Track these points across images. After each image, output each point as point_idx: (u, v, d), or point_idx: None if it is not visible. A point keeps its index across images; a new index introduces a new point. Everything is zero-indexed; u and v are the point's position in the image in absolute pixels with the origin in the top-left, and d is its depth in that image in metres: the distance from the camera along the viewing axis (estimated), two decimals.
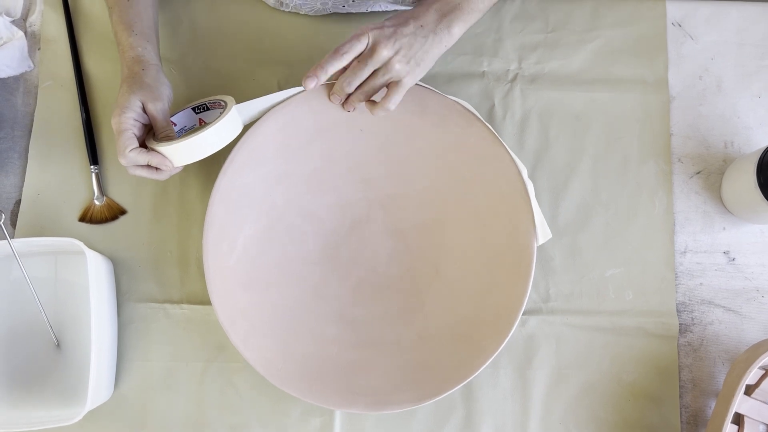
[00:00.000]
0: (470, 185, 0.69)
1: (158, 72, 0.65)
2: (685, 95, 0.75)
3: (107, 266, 0.69)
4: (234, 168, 0.67)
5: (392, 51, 0.61)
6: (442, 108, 0.68)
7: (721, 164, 0.73)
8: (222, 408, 0.69)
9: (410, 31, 0.62)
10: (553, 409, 0.69)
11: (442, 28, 0.63)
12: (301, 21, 0.76)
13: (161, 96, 0.64)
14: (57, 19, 0.76)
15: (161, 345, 0.70)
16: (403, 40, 0.61)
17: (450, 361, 0.65)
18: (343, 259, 0.70)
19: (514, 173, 0.66)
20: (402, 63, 0.62)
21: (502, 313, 0.65)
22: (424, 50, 0.62)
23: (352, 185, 0.71)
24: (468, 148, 0.68)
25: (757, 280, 0.71)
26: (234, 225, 0.67)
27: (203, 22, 0.76)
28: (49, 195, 0.72)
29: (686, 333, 0.70)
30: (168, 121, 0.64)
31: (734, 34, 0.76)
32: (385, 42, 0.61)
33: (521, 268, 0.65)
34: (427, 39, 0.62)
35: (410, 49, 0.61)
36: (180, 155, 0.62)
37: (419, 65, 0.62)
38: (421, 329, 0.68)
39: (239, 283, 0.67)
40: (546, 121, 0.74)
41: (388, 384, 0.65)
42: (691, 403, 0.69)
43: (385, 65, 0.62)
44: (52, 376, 0.68)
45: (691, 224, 0.72)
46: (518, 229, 0.66)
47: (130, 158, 0.61)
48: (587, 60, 0.75)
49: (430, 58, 0.63)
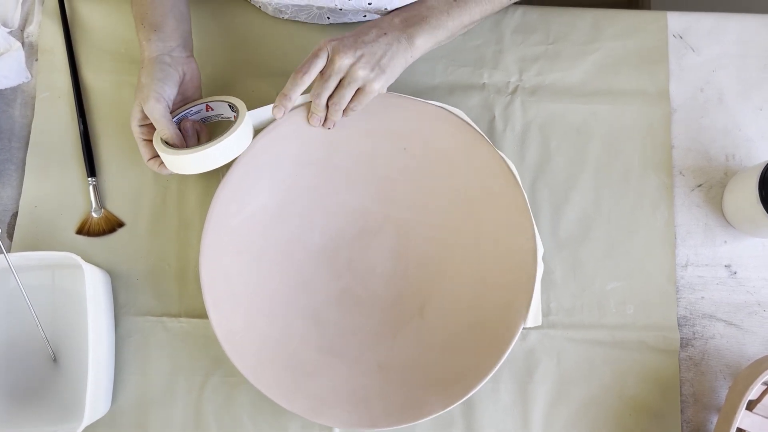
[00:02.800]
0: (476, 217, 0.68)
1: (156, 65, 0.64)
2: (687, 107, 0.74)
3: (105, 279, 0.69)
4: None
5: (352, 58, 0.61)
6: (464, 135, 0.68)
7: (723, 177, 0.73)
8: (220, 422, 0.68)
9: (371, 38, 0.62)
10: (554, 424, 0.68)
11: (405, 38, 0.63)
12: (302, 31, 0.75)
13: (155, 95, 0.62)
14: (55, 30, 0.75)
15: (159, 359, 0.69)
16: (364, 48, 0.61)
17: (447, 376, 0.65)
18: (341, 260, 0.70)
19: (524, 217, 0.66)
20: (365, 69, 0.61)
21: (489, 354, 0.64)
22: (389, 56, 0.62)
23: (371, 195, 0.70)
24: (480, 184, 0.68)
25: (759, 294, 0.71)
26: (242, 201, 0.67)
27: (206, 31, 0.75)
28: (47, 207, 0.72)
29: (687, 347, 0.70)
30: (167, 122, 0.63)
31: (736, 46, 0.75)
32: (345, 51, 0.61)
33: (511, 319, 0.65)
34: (391, 46, 0.62)
35: (373, 56, 0.61)
36: (188, 164, 0.62)
37: (385, 71, 0.62)
38: (388, 353, 0.68)
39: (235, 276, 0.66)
40: (547, 133, 0.73)
41: (386, 401, 0.65)
42: (693, 418, 0.68)
43: (348, 73, 0.61)
44: (49, 390, 0.67)
45: (692, 237, 0.72)
46: (519, 264, 0.65)
47: (152, 168, 0.66)
48: (588, 72, 0.75)
49: (396, 65, 0.63)
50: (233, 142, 0.62)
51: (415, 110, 0.68)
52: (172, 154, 0.62)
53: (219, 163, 0.62)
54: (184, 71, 0.66)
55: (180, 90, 0.66)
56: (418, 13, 0.64)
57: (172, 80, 0.64)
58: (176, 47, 0.65)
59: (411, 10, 0.64)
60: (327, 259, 0.70)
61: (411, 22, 0.63)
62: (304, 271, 0.69)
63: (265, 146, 0.66)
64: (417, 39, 0.63)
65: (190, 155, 0.61)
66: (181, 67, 0.66)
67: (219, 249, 0.65)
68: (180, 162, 0.62)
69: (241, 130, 0.62)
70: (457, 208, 0.69)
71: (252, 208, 0.67)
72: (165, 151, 0.62)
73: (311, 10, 0.71)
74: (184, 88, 0.67)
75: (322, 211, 0.70)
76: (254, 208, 0.67)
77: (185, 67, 0.66)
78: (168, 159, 0.62)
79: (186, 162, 0.62)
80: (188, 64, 0.67)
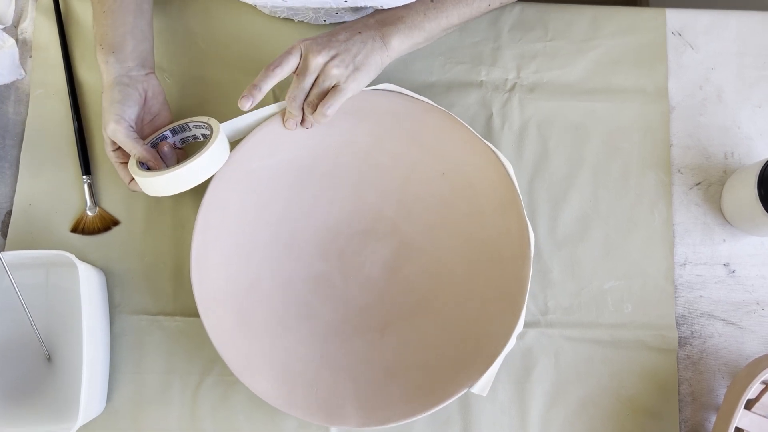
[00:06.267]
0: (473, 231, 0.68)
1: (115, 87, 0.63)
2: (685, 105, 0.74)
3: (99, 278, 0.68)
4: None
5: (326, 57, 0.60)
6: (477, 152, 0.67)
7: (722, 175, 0.72)
8: (216, 422, 0.68)
9: (345, 37, 0.61)
10: (551, 423, 0.68)
11: (380, 38, 0.62)
12: (297, 30, 0.75)
13: (115, 118, 0.62)
14: (49, 27, 0.75)
15: (155, 358, 0.69)
16: (339, 47, 0.61)
17: (444, 373, 0.65)
18: (334, 248, 0.70)
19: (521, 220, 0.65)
20: (340, 68, 0.61)
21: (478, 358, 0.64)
22: (364, 54, 0.61)
23: (379, 198, 0.70)
24: (482, 193, 0.68)
25: (758, 293, 0.70)
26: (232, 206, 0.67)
27: (198, 31, 0.75)
28: (41, 205, 0.71)
29: (686, 346, 0.69)
30: (133, 141, 0.62)
31: (735, 43, 0.75)
32: (318, 49, 0.60)
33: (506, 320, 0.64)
34: (366, 44, 0.62)
35: (347, 53, 0.61)
36: (164, 185, 0.61)
37: (360, 70, 0.62)
38: (380, 353, 0.67)
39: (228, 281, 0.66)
40: (545, 131, 0.73)
41: (382, 399, 0.64)
42: (691, 417, 0.68)
43: (323, 72, 0.61)
44: (43, 390, 0.67)
45: (690, 236, 0.71)
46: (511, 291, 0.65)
47: (132, 189, 0.67)
48: (587, 69, 0.74)
49: (371, 63, 0.62)
50: (207, 160, 0.61)
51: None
52: (146, 177, 0.61)
53: (196, 181, 0.61)
54: (144, 89, 0.65)
55: (145, 108, 0.66)
56: (394, 13, 0.64)
57: (131, 100, 0.63)
58: (134, 67, 0.65)
59: (388, 12, 0.64)
60: (321, 244, 0.69)
61: (386, 23, 0.63)
62: (301, 257, 0.69)
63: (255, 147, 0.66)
64: (392, 39, 0.63)
65: (164, 176, 0.60)
66: (141, 85, 0.65)
67: (215, 246, 0.65)
68: (155, 184, 0.61)
69: (216, 147, 0.61)
70: (452, 224, 0.69)
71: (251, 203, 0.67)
72: (139, 174, 0.61)
73: (306, 13, 0.71)
74: (149, 105, 0.66)
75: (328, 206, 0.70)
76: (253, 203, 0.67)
77: (145, 85, 0.65)
78: (144, 182, 0.61)
79: (161, 183, 0.61)
80: (148, 81, 0.66)
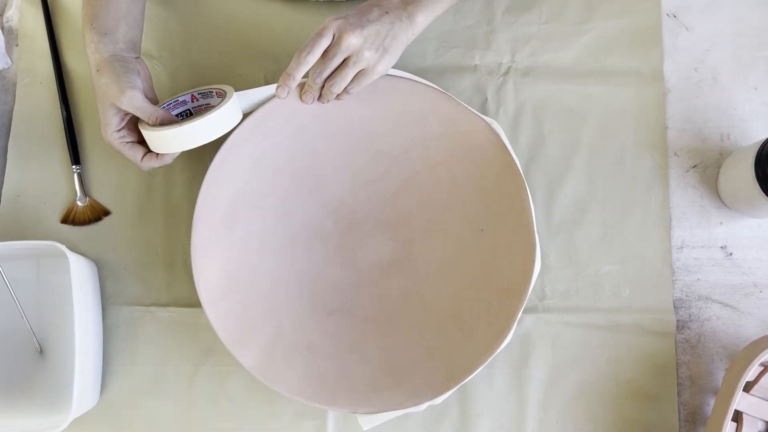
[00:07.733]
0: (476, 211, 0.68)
1: (116, 63, 0.61)
2: (681, 87, 0.73)
3: (91, 269, 0.67)
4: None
5: (361, 39, 0.59)
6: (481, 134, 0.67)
7: (718, 157, 0.72)
8: (212, 412, 0.67)
9: (375, 17, 0.60)
10: (550, 408, 0.68)
11: (406, 16, 0.62)
12: (288, 13, 0.74)
13: (130, 85, 0.60)
14: (35, 14, 0.73)
15: (148, 349, 0.68)
16: (371, 28, 0.60)
17: (443, 361, 0.64)
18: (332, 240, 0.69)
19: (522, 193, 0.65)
20: (371, 50, 0.60)
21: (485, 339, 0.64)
22: (392, 36, 0.61)
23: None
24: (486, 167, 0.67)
25: (755, 275, 0.70)
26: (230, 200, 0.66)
27: (188, 16, 0.74)
28: (30, 196, 0.70)
29: (684, 329, 0.69)
30: (152, 105, 0.61)
31: (730, 24, 0.74)
32: (353, 30, 0.59)
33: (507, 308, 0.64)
34: (394, 25, 0.61)
35: (378, 36, 0.60)
36: (179, 140, 0.60)
37: (388, 51, 0.61)
38: (385, 334, 0.67)
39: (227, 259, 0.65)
40: (540, 115, 0.72)
41: (380, 384, 0.64)
42: (690, 401, 0.68)
43: (356, 53, 0.60)
44: (35, 383, 0.66)
45: (687, 219, 0.71)
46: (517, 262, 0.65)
47: (146, 167, 0.64)
48: (581, 52, 0.74)
49: (399, 44, 0.62)
50: (219, 117, 0.61)
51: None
52: (157, 131, 0.60)
53: (205, 139, 0.61)
54: (138, 70, 0.63)
55: None
56: None
57: (134, 72, 0.62)
58: (125, 49, 0.63)
59: None
60: (320, 230, 0.69)
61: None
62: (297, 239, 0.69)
63: (259, 125, 0.65)
64: (417, 16, 0.62)
65: (174, 129, 0.59)
66: (134, 66, 0.63)
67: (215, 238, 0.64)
68: (165, 138, 0.60)
69: (228, 108, 0.61)
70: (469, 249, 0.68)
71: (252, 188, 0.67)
72: (150, 129, 0.60)
73: None
74: None
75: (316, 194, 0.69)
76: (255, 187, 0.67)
77: (138, 67, 0.63)
78: (154, 135, 0.61)
79: (171, 137, 0.60)
80: (139, 63, 0.64)
